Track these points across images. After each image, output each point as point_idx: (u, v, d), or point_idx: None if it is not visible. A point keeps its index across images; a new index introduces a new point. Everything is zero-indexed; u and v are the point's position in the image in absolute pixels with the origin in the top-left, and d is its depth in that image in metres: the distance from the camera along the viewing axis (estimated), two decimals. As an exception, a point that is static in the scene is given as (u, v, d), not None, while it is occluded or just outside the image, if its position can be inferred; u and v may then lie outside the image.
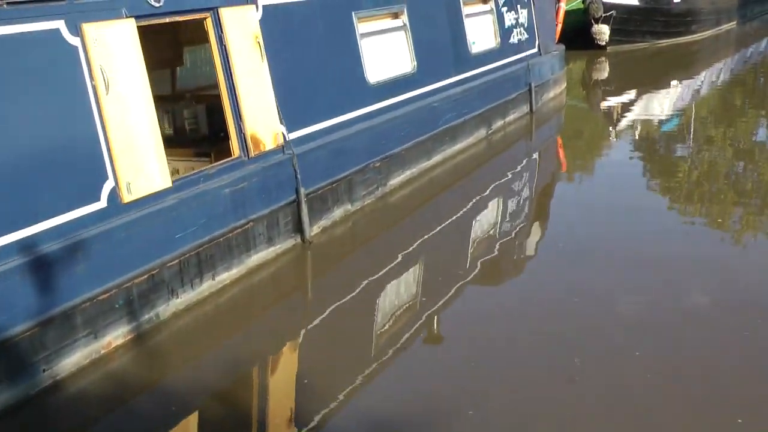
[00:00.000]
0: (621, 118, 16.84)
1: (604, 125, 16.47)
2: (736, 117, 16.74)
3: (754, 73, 22.91)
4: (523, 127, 14.46)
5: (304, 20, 8.85)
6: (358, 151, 9.48)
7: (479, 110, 12.73)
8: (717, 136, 14.86)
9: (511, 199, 10.69)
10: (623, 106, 18.21)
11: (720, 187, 11.15)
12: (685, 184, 11.39)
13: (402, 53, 10.83)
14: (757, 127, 16.05)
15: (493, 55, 13.52)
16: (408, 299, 7.63)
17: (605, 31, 23.13)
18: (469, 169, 11.86)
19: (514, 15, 14.43)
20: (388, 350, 6.54)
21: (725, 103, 18.45)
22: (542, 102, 15.64)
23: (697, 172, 12.06)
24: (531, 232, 9.48)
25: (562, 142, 14.86)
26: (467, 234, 9.37)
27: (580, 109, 18.61)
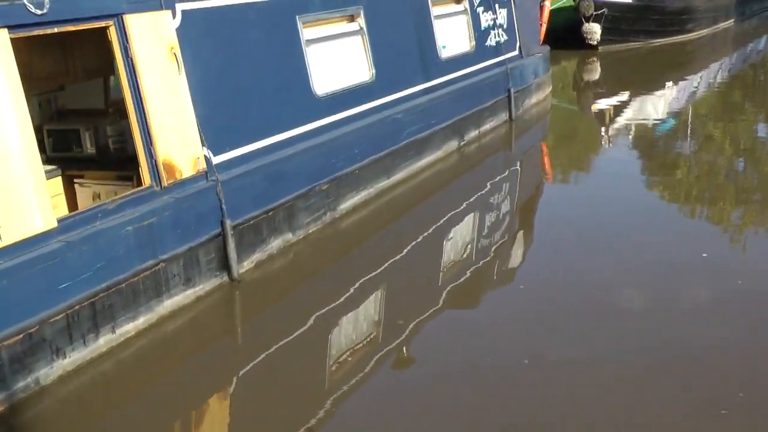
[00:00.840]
0: (613, 122, 15.81)
1: (595, 130, 15.49)
2: (734, 118, 15.79)
3: (754, 73, 21.94)
4: (501, 136, 13.39)
5: (235, 27, 7.78)
6: (302, 172, 8.42)
7: (450, 120, 11.66)
8: (716, 137, 14.00)
9: (484, 220, 9.64)
10: (615, 108, 17.16)
11: (723, 205, 10.06)
12: (686, 199, 10.35)
13: (358, 61, 9.75)
14: (757, 127, 15.16)
15: (467, 59, 12.44)
16: (358, 341, 6.62)
17: (596, 30, 22.03)
18: (437, 186, 10.79)
19: (492, 15, 13.35)
20: (333, 402, 5.60)
21: (723, 104, 17.47)
22: (524, 108, 14.56)
23: (697, 186, 11.04)
24: (508, 258, 8.44)
25: (547, 150, 13.83)
26: (430, 263, 8.31)
27: (569, 113, 17.55)
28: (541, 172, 12.41)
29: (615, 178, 11.40)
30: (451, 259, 8.50)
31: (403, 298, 7.48)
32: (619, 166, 12.14)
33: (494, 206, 10.12)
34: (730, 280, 7.37)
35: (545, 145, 14.18)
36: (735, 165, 12.49)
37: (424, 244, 8.75)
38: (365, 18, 9.81)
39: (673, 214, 9.73)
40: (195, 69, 7.18)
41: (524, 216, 9.98)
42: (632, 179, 11.24)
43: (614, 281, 7.42)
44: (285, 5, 8.52)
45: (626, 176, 11.38)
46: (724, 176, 11.74)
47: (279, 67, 8.31)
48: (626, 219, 9.25)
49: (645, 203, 10.03)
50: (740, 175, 11.88)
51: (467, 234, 9.24)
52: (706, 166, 12.19)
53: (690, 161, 12.59)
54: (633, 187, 10.78)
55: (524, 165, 12.54)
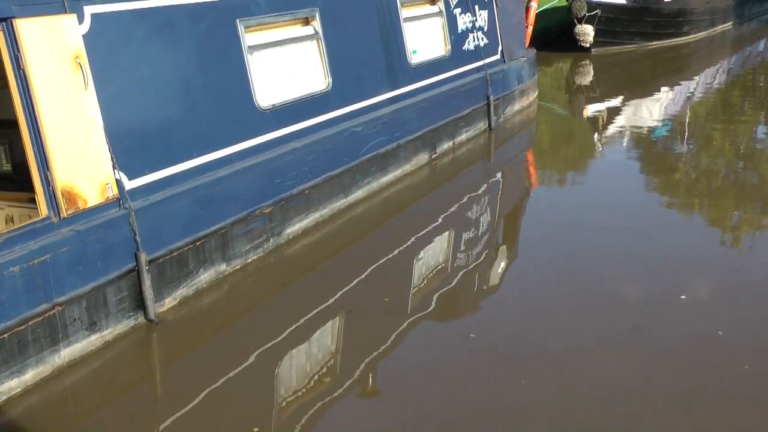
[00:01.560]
0: (606, 127, 14.97)
1: (586, 136, 14.64)
2: (734, 121, 15.02)
3: (753, 76, 21.10)
4: (479, 147, 12.47)
5: (159, 32, 6.86)
6: (240, 194, 7.51)
7: (420, 131, 10.74)
8: (714, 142, 13.27)
9: (454, 241, 8.75)
10: (609, 113, 16.36)
11: (724, 228, 9.17)
12: (687, 220, 9.45)
13: (312, 69, 8.84)
14: (756, 132, 14.33)
15: (441, 65, 11.52)
16: (298, 387, 5.77)
17: (589, 32, 21.11)
18: (404, 203, 9.89)
19: (471, 17, 12.43)
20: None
21: (721, 108, 16.67)
22: (506, 116, 13.65)
23: (698, 203, 10.15)
24: (480, 285, 7.57)
25: (532, 159, 12.97)
26: (390, 290, 7.41)
27: (560, 118, 16.64)
28: (524, 185, 11.50)
29: (606, 191, 10.54)
30: (413, 286, 7.59)
31: (358, 330, 6.60)
32: (611, 178, 11.35)
33: (467, 225, 9.21)
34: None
35: (531, 154, 13.30)
36: (735, 170, 11.77)
37: (384, 268, 7.88)
38: (321, 21, 8.90)
39: (670, 236, 8.74)
40: (107, 81, 6.27)
41: (501, 237, 9.09)
42: (625, 193, 10.37)
43: (596, 329, 6.51)
44: (223, 8, 7.61)
45: (618, 190, 10.54)
46: (723, 180, 11.06)
47: (214, 78, 7.40)
48: (616, 240, 8.37)
49: (637, 221, 9.12)
50: (740, 184, 11.13)
51: (433, 257, 8.34)
52: (704, 178, 11.41)
53: (688, 168, 11.87)
54: (625, 201, 9.91)
55: (505, 177, 11.63)
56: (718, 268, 7.73)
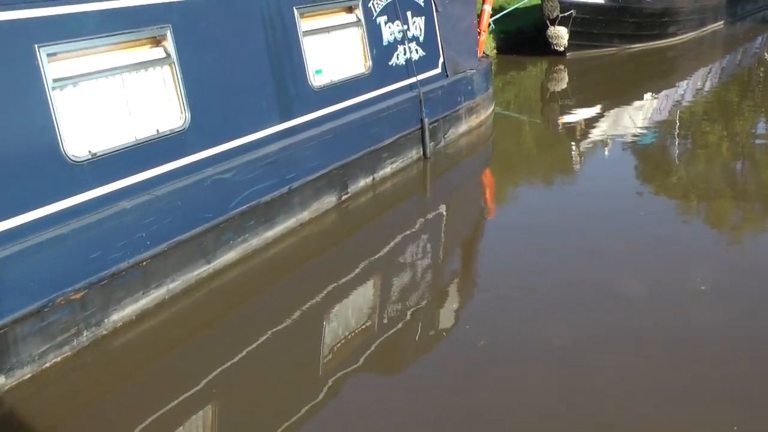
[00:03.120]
0: (582, 140, 13.30)
1: (559, 151, 12.93)
2: (728, 130, 13.66)
3: (748, 77, 19.40)
4: (411, 180, 10.57)
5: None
6: (30, 280, 5.62)
7: (323, 169, 8.86)
8: (706, 153, 12.01)
9: (366, 310, 6.90)
10: (586, 123, 14.62)
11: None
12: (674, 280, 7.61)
13: (162, 101, 6.95)
14: (752, 140, 13.17)
15: (358, 85, 9.62)
16: None
17: (563, 34, 19.16)
18: (297, 262, 8.03)
19: (401, 26, 10.51)
20: None
21: (712, 115, 15.18)
22: (448, 140, 11.75)
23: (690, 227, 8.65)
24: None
25: (487, 185, 11.18)
26: (254, 391, 5.57)
27: (527, 131, 14.73)
28: (470, 220, 9.64)
29: (577, 222, 8.91)
30: (289, 385, 5.73)
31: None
32: (584, 201, 9.78)
33: (385, 283, 7.38)
34: None
35: (484, 180, 11.49)
36: (732, 188, 10.40)
37: (254, 357, 6.02)
38: (175, 41, 6.99)
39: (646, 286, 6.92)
40: None
41: (435, 297, 7.22)
42: (598, 228, 8.72)
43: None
44: (18, 30, 5.71)
45: (592, 217, 9.05)
46: (717, 202, 9.66)
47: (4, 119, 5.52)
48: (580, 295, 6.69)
49: (616, 271, 7.34)
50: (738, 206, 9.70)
51: (331, 337, 6.48)
52: (700, 199, 9.89)
53: (681, 187, 10.45)
54: (597, 236, 8.34)
55: (444, 213, 9.77)
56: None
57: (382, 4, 10.19)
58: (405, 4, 10.70)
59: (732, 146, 12.81)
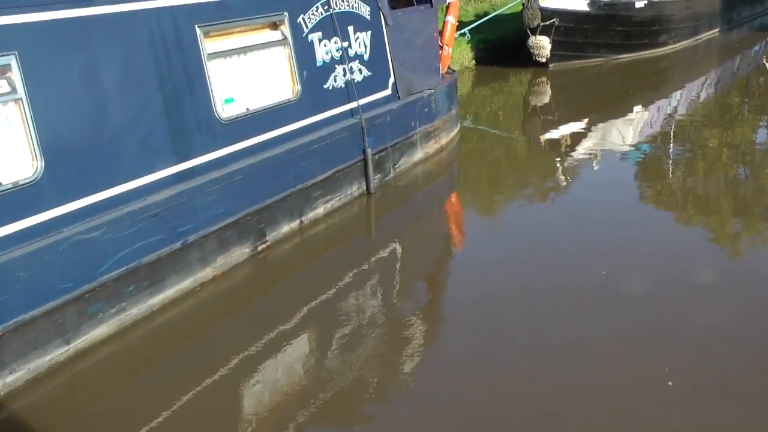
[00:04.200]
0: (566, 159, 12.18)
1: (539, 171, 11.72)
2: (724, 141, 12.79)
3: (745, 87, 18.17)
4: (350, 219, 9.22)
5: None
6: None
7: (232, 217, 7.51)
8: (703, 165, 11.24)
9: (273, 401, 5.55)
10: (571, 140, 13.44)
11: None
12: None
13: (7, 147, 5.60)
14: (752, 155, 12.24)
15: (282, 114, 8.28)
16: None
17: (545, 44, 17.79)
18: (193, 331, 6.68)
19: (339, 43, 9.17)
20: None
21: (710, 128, 14.03)
22: (399, 171, 10.40)
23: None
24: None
25: (447, 217, 9.98)
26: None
27: (503, 151, 13.39)
28: (425, 261, 8.35)
29: (556, 257, 7.81)
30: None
31: None
32: (565, 231, 8.61)
33: (306, 359, 6.06)
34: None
35: (446, 210, 10.21)
36: (730, 210, 9.52)
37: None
38: (23, 72, 5.64)
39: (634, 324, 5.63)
40: None
41: (368, 382, 5.90)
42: (580, 265, 7.66)
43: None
44: None
45: (573, 251, 7.99)
46: (716, 227, 8.69)
47: None
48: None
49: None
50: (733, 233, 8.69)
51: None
52: (699, 223, 8.89)
53: (678, 208, 9.52)
54: (580, 276, 7.27)
55: (394, 255, 8.43)
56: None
57: (316, 18, 8.84)
58: (345, 18, 9.35)
59: (731, 160, 11.82)
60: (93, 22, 6.19)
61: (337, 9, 9.17)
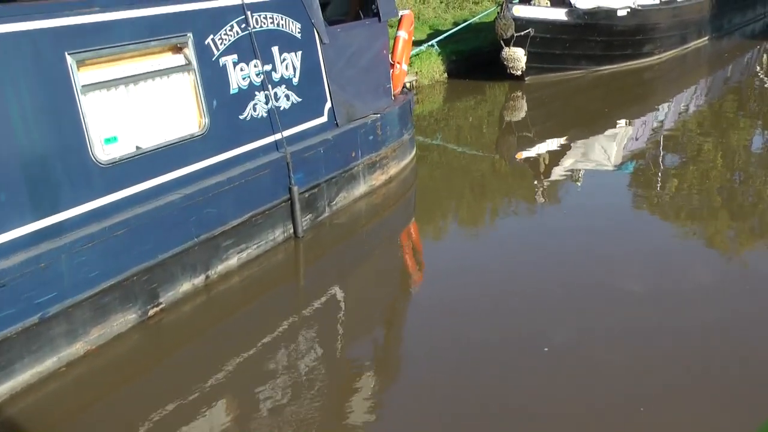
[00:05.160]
0: (543, 178, 11.45)
1: (510, 194, 10.94)
2: (716, 156, 12.08)
3: (738, 98, 17.15)
4: (272, 269, 8.06)
5: None
6: None
7: (111, 279, 6.32)
8: (694, 181, 10.68)
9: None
10: (550, 158, 12.56)
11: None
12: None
13: None
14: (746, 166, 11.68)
15: (183, 152, 7.13)
16: None
17: (519, 56, 16.63)
18: (55, 421, 5.48)
19: (260, 67, 8.01)
20: None
21: (698, 139, 13.39)
22: (336, 208, 9.22)
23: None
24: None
25: (394, 256, 8.91)
26: None
27: (472, 171, 12.33)
28: (364, 312, 7.29)
29: (526, 298, 7.02)
30: None
31: None
32: (538, 265, 7.84)
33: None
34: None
35: (393, 248, 9.12)
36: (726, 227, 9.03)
37: None
38: None
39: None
40: None
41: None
42: (548, 306, 6.87)
43: None
44: None
45: (544, 289, 7.20)
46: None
47: None
48: None
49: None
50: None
51: None
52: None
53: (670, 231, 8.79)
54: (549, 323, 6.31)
55: (324, 308, 7.31)
56: None
57: (230, 38, 7.67)
58: (269, 37, 8.18)
59: (723, 175, 11.19)
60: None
61: (257, 27, 8.01)
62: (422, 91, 17.13)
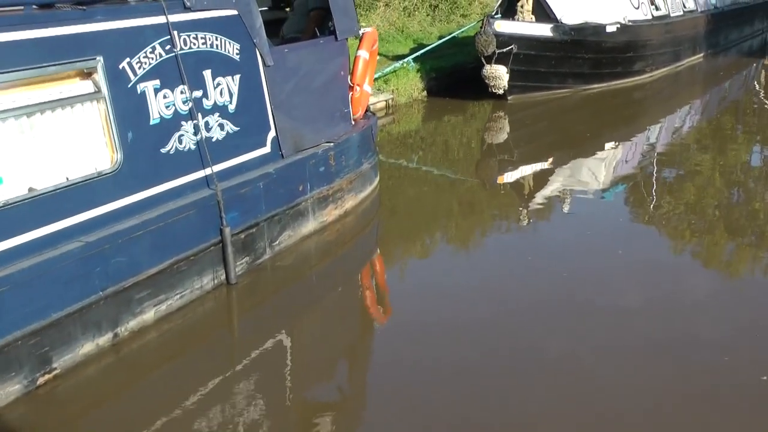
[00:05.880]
0: (527, 203, 10.75)
1: (487, 223, 10.21)
2: (711, 180, 11.47)
3: (734, 116, 16.45)
4: (197, 322, 7.17)
5: None
6: None
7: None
8: (693, 204, 10.25)
9: None
10: (535, 180, 11.91)
11: None
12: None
13: None
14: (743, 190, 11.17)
15: (90, 192, 6.23)
16: None
17: (501, 74, 15.76)
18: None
19: (188, 93, 7.13)
20: None
21: (693, 160, 12.75)
22: (278, 249, 8.32)
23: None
24: None
25: (348, 301, 8.03)
26: None
27: (448, 198, 11.39)
28: (308, 370, 6.37)
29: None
30: None
31: None
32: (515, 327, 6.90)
33: None
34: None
35: (354, 286, 8.31)
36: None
37: None
38: None
39: None
40: None
41: None
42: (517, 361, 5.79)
43: None
44: None
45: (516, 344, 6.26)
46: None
47: None
48: None
49: None
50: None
51: None
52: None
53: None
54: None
55: (264, 359, 6.50)
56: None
57: (150, 62, 6.79)
58: (199, 60, 7.30)
59: (721, 195, 10.71)
60: None
61: (185, 48, 7.13)
62: (399, 110, 16.26)
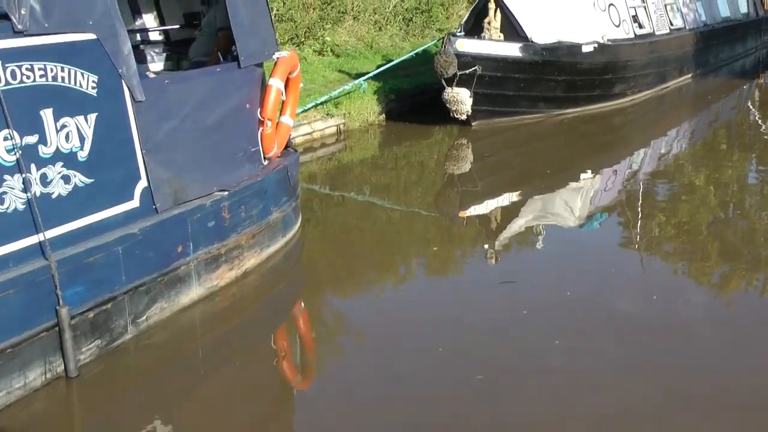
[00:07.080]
0: (493, 238, 9.71)
1: (444, 266, 9.04)
2: (698, 210, 10.78)
3: (727, 141, 15.39)
4: (21, 428, 5.60)
5: None
6: None
7: None
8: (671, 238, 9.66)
9: None
10: (502, 214, 10.84)
11: None
12: None
13: None
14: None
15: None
16: None
17: (464, 98, 14.29)
18: None
19: (17, 139, 5.62)
20: None
21: (678, 190, 11.89)
22: (145, 327, 6.82)
23: None
24: None
25: (255, 380, 6.59)
26: None
27: (397, 237, 10.10)
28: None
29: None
30: None
31: None
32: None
33: None
34: None
35: (267, 357, 6.85)
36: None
37: None
38: None
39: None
40: None
41: None
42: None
43: None
44: None
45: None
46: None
47: None
48: None
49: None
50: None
51: None
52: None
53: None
54: None
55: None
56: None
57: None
58: (34, 97, 5.82)
59: (707, 231, 9.95)
60: None
61: (13, 83, 5.63)
62: (352, 136, 14.80)
